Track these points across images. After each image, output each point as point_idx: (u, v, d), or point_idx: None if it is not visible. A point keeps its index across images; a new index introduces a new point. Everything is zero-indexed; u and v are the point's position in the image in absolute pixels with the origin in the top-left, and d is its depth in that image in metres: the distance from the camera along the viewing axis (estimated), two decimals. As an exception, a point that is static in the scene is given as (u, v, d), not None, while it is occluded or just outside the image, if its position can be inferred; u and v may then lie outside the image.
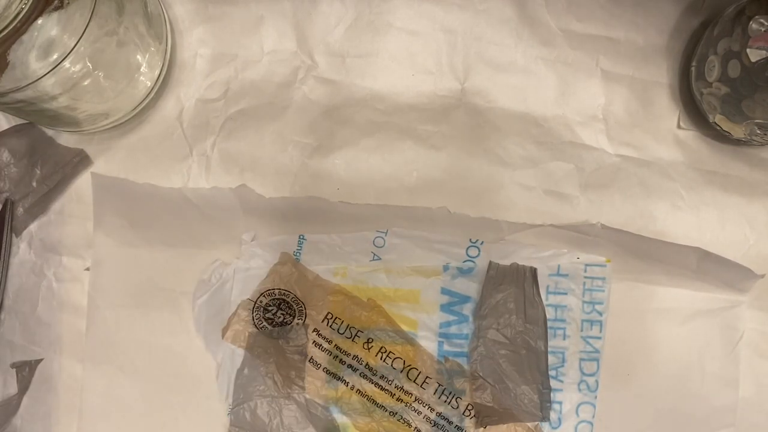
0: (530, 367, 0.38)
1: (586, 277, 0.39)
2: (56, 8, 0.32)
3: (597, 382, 0.38)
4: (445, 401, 0.38)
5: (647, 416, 0.39)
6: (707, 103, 0.39)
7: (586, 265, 0.39)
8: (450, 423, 0.38)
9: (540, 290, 0.39)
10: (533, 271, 0.39)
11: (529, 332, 0.38)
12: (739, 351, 0.39)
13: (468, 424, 0.38)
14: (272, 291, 0.40)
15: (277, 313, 0.40)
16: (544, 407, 0.38)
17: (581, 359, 0.39)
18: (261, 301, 0.40)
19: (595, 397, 0.38)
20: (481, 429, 0.38)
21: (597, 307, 0.39)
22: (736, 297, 0.39)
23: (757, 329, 0.39)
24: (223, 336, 0.39)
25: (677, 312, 0.39)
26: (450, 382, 0.38)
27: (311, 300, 0.40)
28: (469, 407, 0.38)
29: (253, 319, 0.40)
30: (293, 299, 0.40)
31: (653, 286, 0.39)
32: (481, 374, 0.38)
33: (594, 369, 0.39)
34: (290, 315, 0.40)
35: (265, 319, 0.40)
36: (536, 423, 0.38)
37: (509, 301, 0.39)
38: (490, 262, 0.39)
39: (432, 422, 0.38)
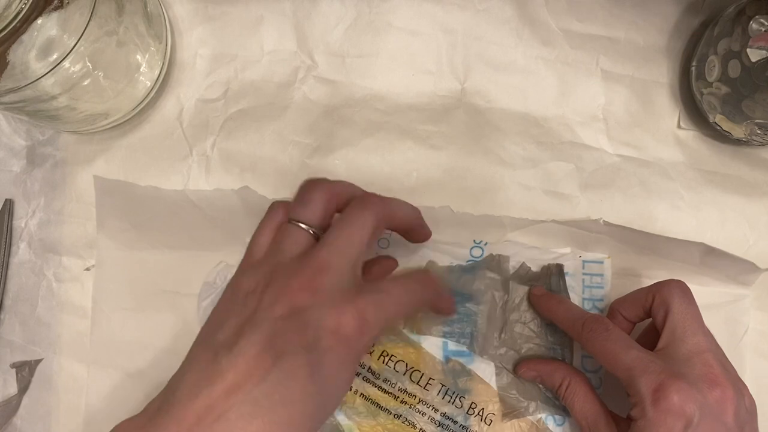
0: (554, 360, 0.38)
1: (584, 274, 0.39)
2: (56, 8, 0.32)
3: (600, 378, 0.38)
4: (449, 401, 0.38)
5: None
6: (707, 103, 0.39)
7: (584, 261, 0.39)
8: (455, 422, 0.38)
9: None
10: (559, 268, 0.39)
11: (553, 326, 0.38)
12: (745, 344, 0.39)
13: (473, 422, 0.38)
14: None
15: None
16: None
17: (583, 356, 0.39)
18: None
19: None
20: (485, 426, 0.38)
21: (597, 303, 0.39)
22: (740, 291, 0.39)
23: (757, 329, 0.39)
24: None
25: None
26: (454, 382, 0.38)
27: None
28: (473, 405, 0.38)
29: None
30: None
31: (656, 281, 0.39)
32: (505, 367, 0.38)
33: (597, 365, 0.39)
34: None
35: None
36: (539, 418, 0.38)
37: None
38: (523, 264, 0.39)
39: (437, 423, 0.38)
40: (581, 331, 0.34)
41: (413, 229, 0.34)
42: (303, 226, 0.31)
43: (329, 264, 0.29)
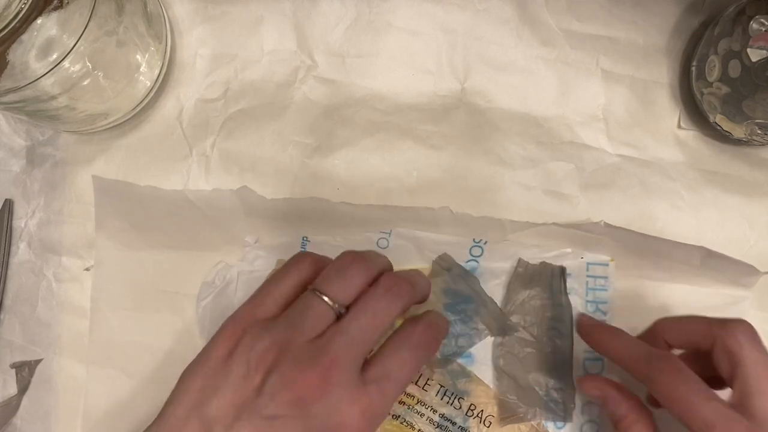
0: (555, 366, 0.38)
1: (588, 276, 0.39)
2: (56, 8, 0.32)
3: None
4: (448, 402, 0.38)
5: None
6: (708, 102, 0.39)
7: (588, 263, 0.39)
8: (453, 424, 0.38)
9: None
10: (561, 270, 0.39)
11: (554, 331, 0.38)
12: None
13: (471, 423, 0.38)
14: (270, 298, 0.40)
15: (276, 319, 0.39)
16: (567, 408, 0.38)
17: (586, 359, 0.38)
18: (259, 309, 0.40)
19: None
20: (484, 428, 0.38)
21: (601, 306, 0.39)
22: (740, 293, 0.39)
23: (758, 329, 0.39)
24: None
25: (681, 308, 0.39)
26: (453, 383, 0.38)
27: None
28: (472, 407, 0.38)
29: (253, 326, 0.39)
30: (291, 305, 0.40)
31: (657, 282, 0.39)
32: (504, 371, 0.38)
33: (599, 368, 0.38)
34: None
35: (264, 326, 0.39)
36: (539, 421, 0.38)
37: (536, 299, 0.39)
38: (519, 260, 0.39)
39: (435, 423, 0.38)
40: (647, 370, 0.30)
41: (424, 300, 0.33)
42: (330, 302, 0.29)
43: (344, 357, 0.28)
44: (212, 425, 0.27)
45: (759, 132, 0.37)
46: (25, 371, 0.41)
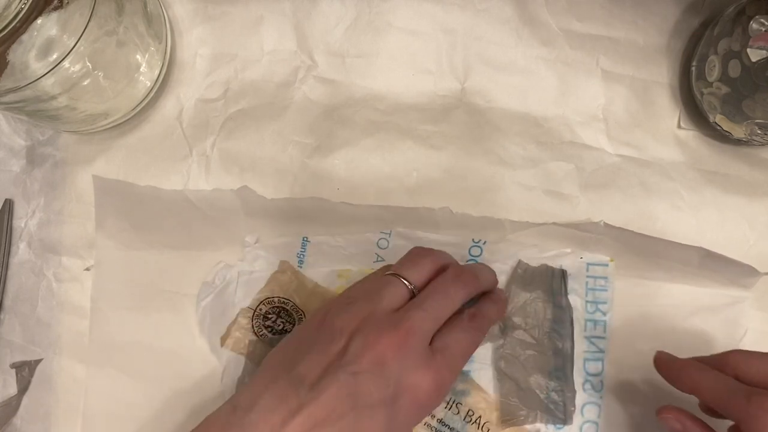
0: (556, 368, 0.38)
1: (588, 277, 0.39)
2: (56, 8, 0.32)
3: (602, 382, 0.38)
4: (446, 407, 0.38)
5: (653, 415, 0.39)
6: (707, 102, 0.39)
7: (588, 264, 0.39)
8: (452, 429, 0.38)
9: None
10: (562, 273, 0.39)
11: (555, 333, 0.38)
12: (743, 346, 0.39)
13: (470, 429, 0.38)
14: (271, 299, 0.40)
15: (277, 320, 0.40)
16: (567, 410, 0.38)
17: (585, 359, 0.38)
18: (260, 309, 0.40)
19: (600, 397, 0.38)
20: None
21: (600, 306, 0.39)
22: (739, 293, 0.39)
23: (758, 329, 0.39)
24: (222, 344, 0.39)
25: (681, 308, 0.39)
26: (452, 387, 0.38)
27: (311, 308, 0.40)
28: (470, 412, 0.38)
29: (253, 327, 0.40)
30: (293, 307, 0.40)
31: (657, 282, 0.39)
32: (506, 373, 0.38)
33: (599, 369, 0.38)
34: (290, 323, 0.40)
35: (265, 327, 0.40)
36: (540, 424, 0.38)
37: (537, 301, 0.39)
38: (519, 261, 0.39)
39: (434, 429, 0.38)
40: (747, 407, 0.28)
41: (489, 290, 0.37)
42: (405, 282, 0.33)
43: (419, 327, 0.31)
44: (300, 382, 0.30)
45: (759, 132, 0.37)
46: (25, 371, 0.41)
